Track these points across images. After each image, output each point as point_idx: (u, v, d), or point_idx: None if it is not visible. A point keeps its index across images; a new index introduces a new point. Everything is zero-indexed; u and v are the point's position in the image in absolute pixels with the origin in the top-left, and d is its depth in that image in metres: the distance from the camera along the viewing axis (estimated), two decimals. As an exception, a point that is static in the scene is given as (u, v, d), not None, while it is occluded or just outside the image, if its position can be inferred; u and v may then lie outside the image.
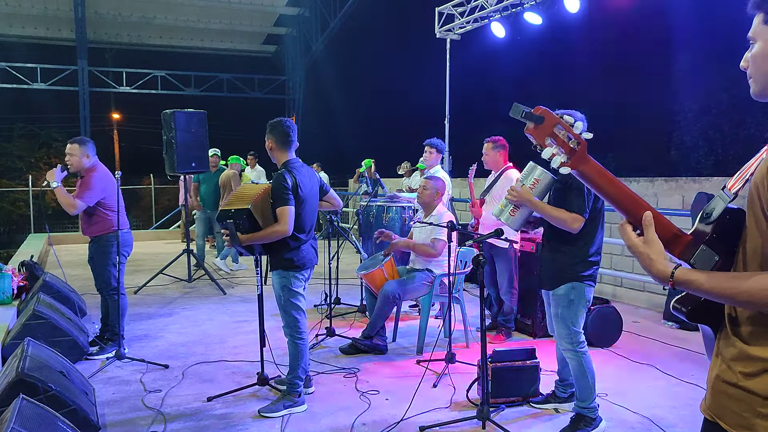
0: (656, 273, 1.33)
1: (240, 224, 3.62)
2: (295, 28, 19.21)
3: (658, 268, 1.33)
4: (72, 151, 4.72)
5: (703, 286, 1.26)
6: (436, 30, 9.77)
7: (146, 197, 19.26)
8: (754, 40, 1.30)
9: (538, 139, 1.37)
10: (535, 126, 1.37)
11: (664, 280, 1.31)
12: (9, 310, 5.39)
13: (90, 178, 4.66)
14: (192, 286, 7.68)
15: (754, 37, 1.30)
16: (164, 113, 7.41)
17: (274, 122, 3.85)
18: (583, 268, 3.31)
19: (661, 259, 1.34)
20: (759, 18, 1.28)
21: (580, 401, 3.39)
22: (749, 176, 1.26)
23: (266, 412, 3.65)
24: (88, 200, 4.62)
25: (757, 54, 1.29)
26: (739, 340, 1.28)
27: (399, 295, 4.79)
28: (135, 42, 18.85)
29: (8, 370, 3.26)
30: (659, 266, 1.33)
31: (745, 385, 1.25)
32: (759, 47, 1.28)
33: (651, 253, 1.35)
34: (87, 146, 4.77)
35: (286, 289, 3.74)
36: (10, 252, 12.34)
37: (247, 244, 3.67)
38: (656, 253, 1.34)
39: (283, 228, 3.61)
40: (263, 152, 3.99)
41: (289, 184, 3.64)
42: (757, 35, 1.29)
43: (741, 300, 1.21)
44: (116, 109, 28.12)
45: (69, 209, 4.59)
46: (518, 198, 3.30)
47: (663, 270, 1.32)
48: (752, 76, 1.31)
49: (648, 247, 1.35)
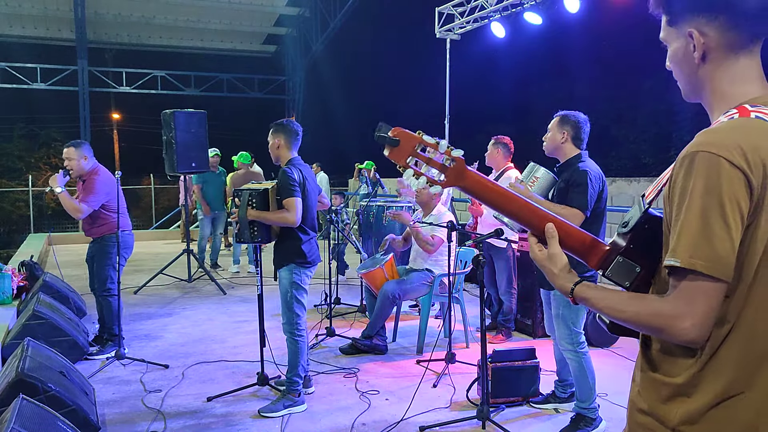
0: (558, 288, 1.30)
1: (254, 199, 3.64)
2: (295, 28, 19.20)
3: (558, 283, 1.30)
4: (69, 155, 4.72)
5: (597, 305, 1.22)
6: (436, 30, 9.77)
7: (146, 197, 19.26)
8: (666, 42, 1.25)
9: (399, 162, 1.31)
10: (391, 150, 1.31)
11: (566, 296, 1.29)
12: (9, 310, 5.39)
13: (93, 182, 4.66)
14: (192, 286, 7.68)
15: (664, 40, 1.25)
16: (164, 113, 7.41)
17: (282, 122, 3.89)
18: (584, 268, 3.30)
19: (563, 273, 1.30)
20: (664, 18, 1.23)
21: (581, 401, 3.39)
22: (662, 187, 1.21)
23: (266, 412, 3.66)
24: (93, 204, 4.62)
25: (671, 57, 1.24)
26: (648, 363, 1.23)
27: (399, 295, 4.79)
28: (135, 42, 18.84)
29: (8, 370, 3.26)
30: (560, 281, 1.29)
31: (655, 412, 1.19)
32: (670, 51, 1.24)
33: (553, 268, 1.31)
34: (82, 148, 4.76)
35: (295, 285, 3.75)
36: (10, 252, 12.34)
37: (254, 220, 3.67)
38: (559, 267, 1.30)
39: (292, 217, 3.63)
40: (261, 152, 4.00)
41: (296, 177, 3.69)
42: (666, 38, 1.24)
43: (630, 323, 1.16)
44: (116, 109, 28.11)
45: (75, 214, 4.61)
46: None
47: (563, 285, 1.29)
48: (677, 79, 1.27)
49: (550, 261, 1.31)
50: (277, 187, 3.73)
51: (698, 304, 1.06)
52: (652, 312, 1.11)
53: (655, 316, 1.11)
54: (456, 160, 1.31)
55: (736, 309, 1.10)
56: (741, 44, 1.15)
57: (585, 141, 3.40)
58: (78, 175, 4.76)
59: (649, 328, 1.14)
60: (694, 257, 1.06)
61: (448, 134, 9.58)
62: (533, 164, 3.36)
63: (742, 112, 1.12)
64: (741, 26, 1.14)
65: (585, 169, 3.24)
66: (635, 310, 1.14)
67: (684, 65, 1.22)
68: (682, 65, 1.22)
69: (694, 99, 1.28)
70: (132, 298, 6.88)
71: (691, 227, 1.06)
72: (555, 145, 3.38)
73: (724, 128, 1.10)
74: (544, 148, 3.45)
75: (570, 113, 3.38)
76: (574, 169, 3.28)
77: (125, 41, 18.86)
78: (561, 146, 3.37)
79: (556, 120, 3.40)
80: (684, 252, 1.06)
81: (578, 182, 3.21)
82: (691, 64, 1.20)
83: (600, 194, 3.26)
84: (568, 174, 3.29)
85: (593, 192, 3.21)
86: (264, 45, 20.26)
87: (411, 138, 1.30)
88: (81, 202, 4.60)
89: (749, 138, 1.07)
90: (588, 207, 3.21)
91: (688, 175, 1.08)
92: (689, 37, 1.17)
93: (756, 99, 1.15)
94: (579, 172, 3.24)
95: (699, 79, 1.21)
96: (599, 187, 3.26)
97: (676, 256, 1.07)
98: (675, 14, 1.19)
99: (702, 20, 1.15)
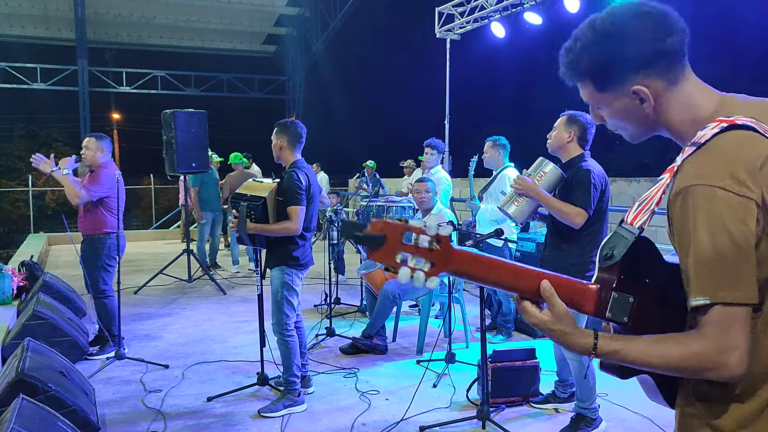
0: (577, 349, 1.17)
1: (252, 211, 3.63)
2: (295, 28, 19.20)
3: (578, 343, 1.16)
4: (88, 144, 4.81)
5: (628, 357, 1.12)
6: (436, 30, 9.77)
7: (146, 197, 19.26)
8: (599, 107, 1.25)
9: (388, 262, 1.09)
10: (376, 250, 1.09)
11: (588, 355, 1.17)
12: (9, 310, 5.39)
13: (99, 174, 4.71)
14: (192, 286, 7.68)
15: (596, 104, 1.25)
16: (164, 113, 7.41)
17: (286, 122, 3.88)
18: (586, 267, 3.31)
19: (578, 332, 1.17)
20: (589, 87, 1.22)
21: (581, 402, 3.39)
22: (654, 206, 1.15)
23: (266, 412, 3.65)
24: (93, 194, 4.65)
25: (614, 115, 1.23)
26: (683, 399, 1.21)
27: (399, 295, 4.79)
28: (135, 42, 18.84)
29: (8, 370, 3.26)
30: (579, 341, 1.16)
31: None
32: (610, 111, 1.23)
33: (565, 327, 1.17)
34: (103, 141, 4.85)
35: (286, 286, 3.74)
36: (10, 252, 12.33)
37: (254, 233, 3.67)
38: (571, 326, 1.17)
39: (294, 226, 3.64)
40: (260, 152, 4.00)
41: (304, 184, 3.69)
42: (599, 102, 1.23)
43: (669, 370, 1.10)
44: (116, 109, 28.10)
45: (73, 198, 4.63)
46: (524, 187, 3.26)
47: (583, 344, 1.16)
48: (621, 131, 1.27)
49: (559, 321, 1.17)
50: (281, 189, 3.72)
51: (737, 334, 1.03)
52: (694, 353, 1.06)
53: (697, 357, 1.06)
54: (441, 240, 1.09)
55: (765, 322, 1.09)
56: (678, 75, 1.17)
57: (590, 142, 3.41)
58: (89, 165, 4.82)
59: (692, 370, 1.09)
60: (720, 290, 1.03)
61: (448, 134, 9.57)
62: (542, 159, 3.34)
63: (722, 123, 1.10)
64: (675, 62, 1.17)
65: (588, 169, 3.25)
66: (674, 355, 1.08)
67: (634, 119, 1.22)
68: (632, 119, 1.22)
69: (646, 137, 1.28)
70: (132, 298, 6.88)
71: (706, 263, 1.04)
72: (560, 143, 3.39)
73: (712, 153, 1.08)
74: (548, 145, 3.45)
75: (578, 114, 3.37)
76: (577, 168, 3.29)
77: (125, 41, 18.86)
78: (566, 145, 3.37)
79: (563, 119, 3.40)
80: (709, 289, 1.04)
81: (581, 181, 3.22)
82: (643, 115, 1.20)
83: (602, 194, 3.28)
84: (571, 173, 3.30)
85: (596, 191, 3.22)
86: (264, 45, 20.26)
87: (396, 228, 1.08)
88: (82, 188, 4.64)
89: (739, 153, 1.06)
90: (591, 206, 3.22)
91: (686, 214, 1.06)
92: (633, 95, 1.18)
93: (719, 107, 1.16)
94: (582, 171, 3.25)
95: (653, 123, 1.22)
96: (602, 187, 3.27)
97: (704, 294, 1.04)
98: (610, 80, 1.19)
99: (641, 75, 1.16)
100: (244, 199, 3.69)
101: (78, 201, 4.63)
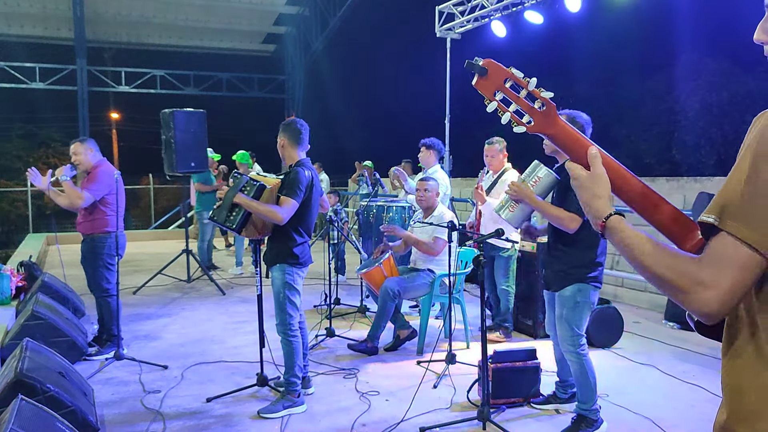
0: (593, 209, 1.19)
1: (248, 188, 3.60)
2: (294, 27, 19.17)
3: (596, 204, 1.19)
4: (75, 150, 4.81)
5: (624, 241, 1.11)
6: (437, 29, 9.74)
7: (145, 197, 19.23)
8: None
9: (486, 94, 1.25)
10: (479, 78, 1.25)
11: (597, 220, 1.18)
12: (8, 310, 5.37)
13: (97, 173, 4.73)
14: (191, 286, 7.66)
15: None
16: (163, 113, 7.38)
17: (287, 121, 3.90)
18: (589, 270, 3.30)
19: (605, 199, 1.19)
20: None
21: (582, 403, 3.38)
22: None
23: (266, 413, 3.64)
24: (95, 193, 4.66)
25: None
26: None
27: (399, 292, 4.77)
28: (134, 41, 18.80)
29: (7, 371, 3.25)
30: (598, 203, 1.19)
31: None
32: None
33: (596, 188, 1.21)
34: (88, 142, 4.87)
35: (287, 285, 3.72)
36: (9, 252, 12.31)
37: (236, 207, 3.59)
38: (603, 189, 1.20)
39: (281, 215, 3.57)
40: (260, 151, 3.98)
41: (307, 180, 3.68)
42: None
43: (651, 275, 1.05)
44: (115, 108, 28.07)
45: (77, 201, 4.62)
46: (518, 193, 3.26)
47: (600, 208, 1.18)
48: None
49: (593, 180, 1.21)
50: (283, 184, 3.70)
51: (726, 274, 0.95)
52: (679, 271, 1.00)
53: (679, 274, 1.00)
54: (546, 104, 1.24)
55: None
56: None
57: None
58: (84, 170, 4.83)
59: (669, 286, 1.02)
60: (730, 218, 0.95)
61: (448, 134, 9.55)
62: (536, 163, 3.32)
63: None
64: None
65: None
66: (662, 262, 1.03)
67: None
68: None
69: None
70: (131, 299, 6.86)
71: (734, 184, 0.96)
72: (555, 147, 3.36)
73: None
74: (545, 146, 3.43)
75: (573, 113, 3.35)
76: None
77: (124, 40, 18.82)
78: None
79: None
80: (720, 209, 0.96)
81: None
82: None
83: None
84: (566, 176, 3.27)
85: None
86: (263, 44, 20.22)
87: (500, 70, 1.24)
88: (84, 190, 4.65)
89: None
90: None
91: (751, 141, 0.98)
92: None
93: None
94: None
95: None
96: None
97: (715, 213, 0.97)
98: None
99: None
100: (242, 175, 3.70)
101: (82, 203, 4.63)
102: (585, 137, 1.29)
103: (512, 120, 1.24)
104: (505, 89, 1.24)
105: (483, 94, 1.25)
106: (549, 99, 1.24)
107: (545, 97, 1.24)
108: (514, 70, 1.24)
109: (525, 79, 1.24)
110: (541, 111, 1.24)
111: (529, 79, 1.24)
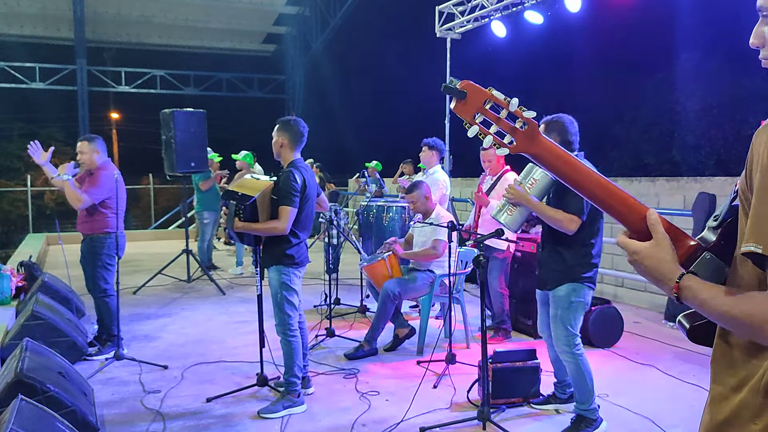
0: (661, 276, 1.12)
1: (241, 210, 3.62)
2: (294, 27, 19.17)
3: (666, 269, 1.12)
4: (82, 148, 4.82)
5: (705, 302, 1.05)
6: (437, 29, 9.74)
7: (145, 197, 19.23)
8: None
9: (466, 117, 1.21)
10: (457, 102, 1.21)
11: (667, 284, 1.12)
12: (7, 310, 5.37)
13: (99, 176, 4.73)
14: (191, 286, 7.66)
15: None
16: (163, 113, 7.39)
17: (287, 120, 3.86)
18: (584, 269, 3.29)
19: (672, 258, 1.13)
20: None
21: (580, 403, 3.37)
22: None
23: (266, 413, 3.64)
24: (95, 197, 4.66)
25: None
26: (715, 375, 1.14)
27: (399, 293, 4.77)
28: (134, 41, 18.80)
29: (7, 371, 3.25)
30: (668, 267, 1.12)
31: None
32: None
33: (665, 254, 1.13)
34: (95, 142, 4.86)
35: (284, 286, 3.72)
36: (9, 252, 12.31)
37: (241, 231, 3.66)
38: (667, 251, 1.13)
39: (281, 226, 3.62)
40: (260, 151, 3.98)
41: (299, 184, 3.67)
42: None
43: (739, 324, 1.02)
44: (115, 108, 28.04)
45: (75, 203, 4.63)
46: (515, 196, 3.26)
47: (673, 270, 1.11)
48: None
49: (657, 247, 1.13)
50: (276, 187, 3.71)
51: None
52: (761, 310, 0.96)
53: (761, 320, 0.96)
54: (528, 123, 1.20)
55: None
56: None
57: (576, 142, 3.35)
58: (88, 169, 4.82)
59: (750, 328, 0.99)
60: None
61: (448, 134, 9.55)
62: (532, 165, 3.32)
63: None
64: None
65: None
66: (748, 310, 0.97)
67: None
68: None
69: None
70: (131, 299, 6.86)
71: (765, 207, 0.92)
72: None
73: None
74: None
75: (553, 118, 3.34)
76: None
77: (124, 40, 18.83)
78: None
79: (541, 128, 3.36)
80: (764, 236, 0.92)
81: None
82: None
83: None
84: None
85: None
86: (263, 44, 20.22)
87: (479, 92, 1.20)
88: (84, 193, 4.65)
89: None
90: (584, 211, 3.19)
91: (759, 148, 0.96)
92: None
93: None
94: None
95: None
96: None
97: (758, 241, 0.93)
98: None
99: None
100: (235, 197, 3.68)
101: (80, 205, 4.65)
102: (571, 155, 1.25)
103: (494, 142, 1.21)
104: (485, 111, 1.21)
105: (463, 117, 1.22)
106: (531, 118, 1.21)
107: (527, 116, 1.20)
108: (494, 91, 1.21)
109: (506, 99, 1.21)
110: (523, 131, 1.20)
111: (510, 99, 1.21)
